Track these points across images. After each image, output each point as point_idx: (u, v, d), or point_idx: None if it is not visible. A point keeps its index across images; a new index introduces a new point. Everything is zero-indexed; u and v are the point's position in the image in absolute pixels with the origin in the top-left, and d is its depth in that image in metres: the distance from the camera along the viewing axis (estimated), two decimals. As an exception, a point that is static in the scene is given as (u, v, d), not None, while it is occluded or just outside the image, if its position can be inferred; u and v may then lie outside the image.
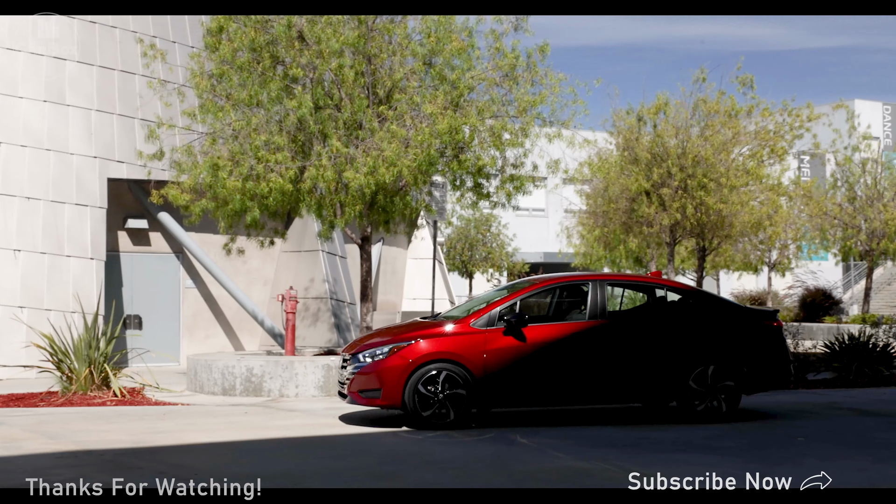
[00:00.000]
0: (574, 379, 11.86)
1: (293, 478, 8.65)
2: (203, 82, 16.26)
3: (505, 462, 9.52)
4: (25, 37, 19.96)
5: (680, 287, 12.89)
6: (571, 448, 10.26)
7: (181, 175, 16.68)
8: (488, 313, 11.85)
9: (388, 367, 11.59)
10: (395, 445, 10.51)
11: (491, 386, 11.62)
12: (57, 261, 19.68)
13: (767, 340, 12.44)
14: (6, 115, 19.63)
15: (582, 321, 12.05)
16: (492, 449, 10.25)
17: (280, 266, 23.17)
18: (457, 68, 16.08)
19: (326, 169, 15.20)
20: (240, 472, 8.82)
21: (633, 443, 10.69)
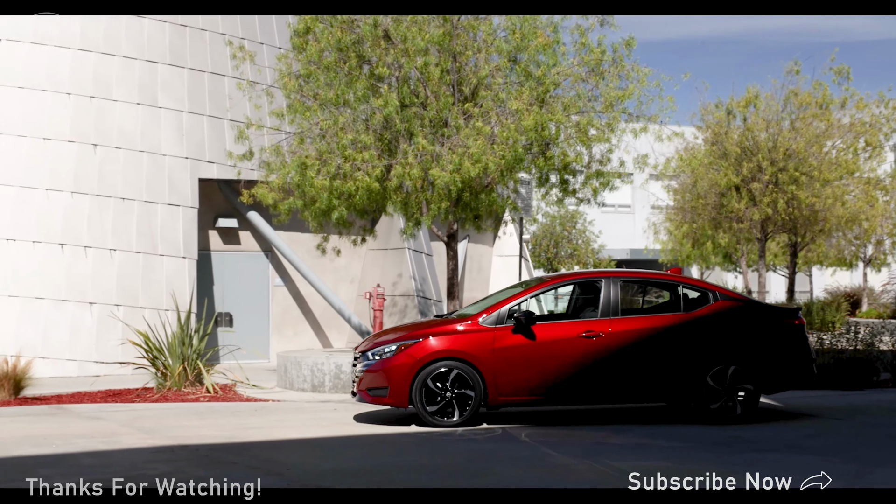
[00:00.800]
0: (584, 378, 11.61)
1: (382, 474, 8.71)
2: (291, 83, 16.45)
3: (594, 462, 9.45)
4: (119, 41, 20.45)
5: (698, 284, 12.51)
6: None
7: (270, 174, 16.92)
8: (497, 311, 11.70)
9: (395, 365, 11.48)
10: (480, 444, 10.50)
11: (500, 384, 11.46)
12: (151, 260, 20.13)
13: (789, 339, 12.07)
14: (102, 119, 20.13)
15: (594, 319, 11.82)
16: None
17: (367, 264, 23.36)
18: (542, 64, 16.00)
19: (412, 167, 15.26)
20: (330, 469, 8.92)
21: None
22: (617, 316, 11.77)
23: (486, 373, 11.42)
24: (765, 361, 11.89)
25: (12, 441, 10.54)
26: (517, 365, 11.47)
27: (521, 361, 11.48)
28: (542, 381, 11.55)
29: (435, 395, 11.39)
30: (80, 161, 19.88)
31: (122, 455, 9.73)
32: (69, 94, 20.03)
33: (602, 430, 11.33)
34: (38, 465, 9.16)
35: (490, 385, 11.44)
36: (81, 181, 19.80)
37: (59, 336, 19.10)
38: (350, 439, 10.86)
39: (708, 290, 12.23)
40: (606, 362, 11.59)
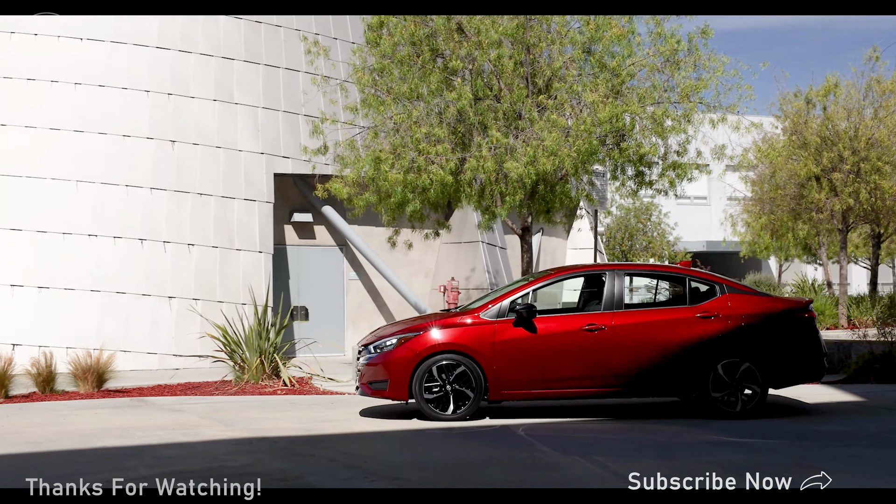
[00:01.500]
0: (586, 372, 11.43)
1: (456, 468, 8.69)
2: (364, 77, 16.52)
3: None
4: (195, 39, 20.74)
5: (705, 277, 12.12)
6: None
7: (344, 169, 17.01)
8: (499, 304, 11.58)
9: (395, 358, 11.42)
10: (547, 435, 10.43)
11: (501, 378, 11.36)
12: (228, 254, 20.39)
13: (798, 332, 11.81)
14: (179, 115, 20.44)
15: (597, 312, 11.63)
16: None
17: (441, 257, 23.38)
18: (617, 55, 15.83)
19: (486, 160, 15.22)
20: (407, 461, 8.93)
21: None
22: (621, 309, 11.61)
23: (486, 366, 11.34)
24: (773, 355, 11.60)
25: (97, 432, 10.75)
26: (518, 358, 11.37)
27: (523, 355, 11.38)
28: (543, 374, 11.44)
29: (435, 389, 11.36)
30: (158, 157, 20.21)
31: (203, 447, 9.86)
32: (147, 92, 20.37)
33: (673, 426, 11.16)
34: (122, 455, 9.33)
35: (491, 379, 11.37)
36: (160, 177, 20.12)
37: (139, 330, 19.45)
38: (424, 432, 10.86)
39: (715, 283, 11.93)
40: (609, 356, 11.42)
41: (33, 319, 19.02)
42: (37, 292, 19.27)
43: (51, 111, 19.90)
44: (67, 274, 19.41)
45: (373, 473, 8.38)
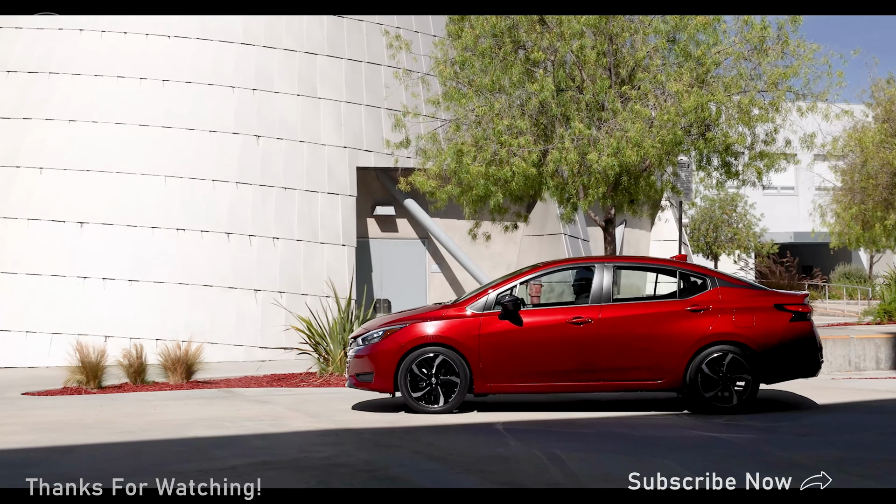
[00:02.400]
0: (572, 365, 11.30)
1: (549, 459, 8.66)
2: (446, 70, 16.53)
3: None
4: (279, 35, 20.99)
5: (697, 270, 11.91)
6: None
7: (427, 162, 17.05)
8: (485, 297, 11.49)
9: (381, 350, 11.37)
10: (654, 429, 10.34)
11: (485, 371, 11.28)
12: (312, 248, 20.63)
13: (791, 326, 11.46)
14: (264, 110, 20.72)
15: (584, 305, 11.45)
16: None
17: (523, 250, 23.32)
18: (702, 44, 15.60)
19: (569, 151, 15.12)
20: (490, 455, 8.92)
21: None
22: (609, 302, 11.44)
23: (471, 359, 11.27)
24: (765, 350, 11.30)
25: (187, 423, 10.97)
26: (503, 351, 11.29)
27: (508, 348, 11.29)
28: (529, 368, 11.34)
29: (420, 381, 11.28)
30: (243, 152, 20.52)
31: (290, 438, 9.99)
32: (233, 88, 20.68)
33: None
34: (212, 446, 9.50)
35: (476, 372, 11.29)
36: (245, 172, 20.43)
37: (226, 322, 19.80)
38: (509, 425, 10.84)
39: (707, 276, 11.70)
40: (596, 349, 11.28)
41: (125, 312, 19.48)
42: (128, 285, 19.72)
43: (140, 108, 20.35)
44: (157, 267, 19.83)
45: (457, 466, 8.39)
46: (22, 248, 19.69)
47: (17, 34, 20.90)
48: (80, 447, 9.51)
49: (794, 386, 13.22)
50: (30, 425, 10.93)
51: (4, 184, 19.95)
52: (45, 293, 19.43)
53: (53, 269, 19.57)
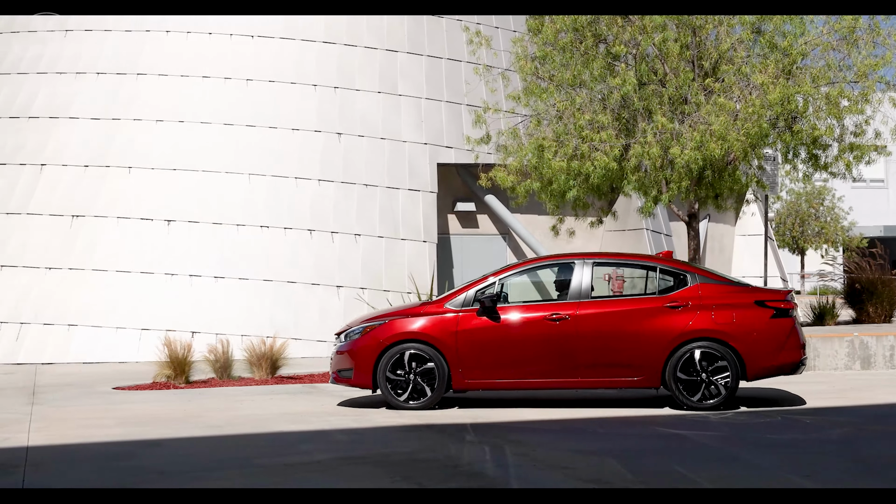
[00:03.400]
0: (549, 362, 11.28)
1: (636, 456, 8.59)
2: (527, 65, 16.48)
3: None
4: (361, 33, 21.15)
5: (678, 267, 11.72)
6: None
7: (507, 157, 17.03)
8: (464, 294, 11.49)
9: (360, 347, 11.44)
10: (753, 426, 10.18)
11: (463, 367, 11.27)
12: (393, 244, 20.74)
13: (773, 323, 11.28)
14: (345, 108, 20.90)
15: (563, 302, 11.38)
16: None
17: (604, 245, 23.14)
18: (788, 34, 15.30)
19: (651, 146, 14.96)
20: (574, 449, 8.88)
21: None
22: (587, 299, 11.38)
23: (449, 356, 11.28)
24: (745, 346, 11.15)
25: (273, 417, 11.13)
26: (481, 348, 11.29)
27: (485, 344, 11.30)
28: (506, 364, 11.34)
29: (398, 377, 11.34)
30: (325, 150, 20.72)
31: (373, 432, 10.07)
32: (315, 86, 20.89)
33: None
34: (298, 440, 9.63)
35: (454, 368, 11.30)
36: (327, 169, 20.63)
37: (309, 318, 20.02)
38: (598, 420, 10.78)
39: (688, 273, 11.58)
40: (573, 346, 11.25)
41: (211, 308, 19.81)
42: (213, 282, 20.06)
43: (225, 107, 20.67)
44: (242, 264, 20.13)
45: (541, 461, 8.37)
46: (112, 246, 20.16)
47: (106, 36, 21.39)
48: (168, 441, 9.71)
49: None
50: (120, 419, 11.20)
51: (95, 183, 20.45)
52: (134, 290, 19.87)
53: (142, 266, 20.00)
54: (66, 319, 19.58)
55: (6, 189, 20.63)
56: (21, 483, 7.59)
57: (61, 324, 19.56)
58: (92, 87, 21.09)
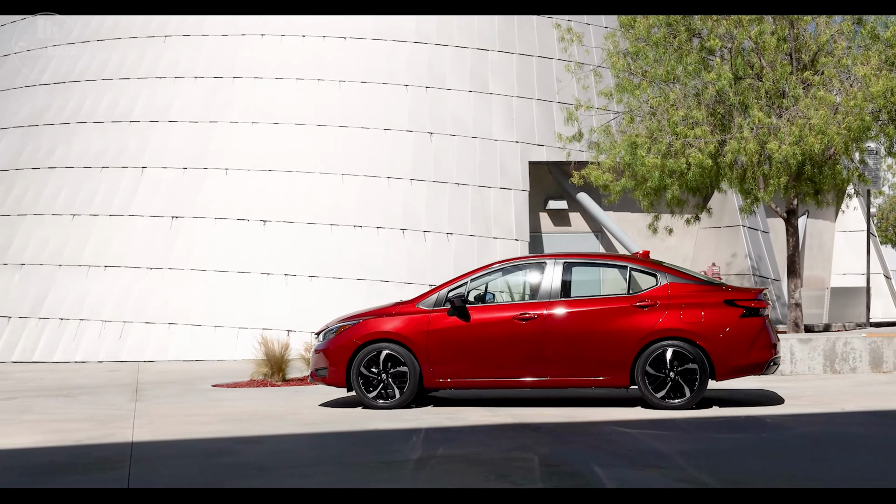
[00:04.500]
0: (518, 361, 11.35)
1: (731, 457, 8.45)
2: (619, 61, 16.35)
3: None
4: (451, 32, 21.21)
5: (649, 266, 11.61)
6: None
7: (599, 155, 16.91)
8: (437, 294, 11.61)
9: (335, 346, 11.61)
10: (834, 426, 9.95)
11: (434, 366, 11.41)
12: (485, 243, 20.76)
13: (743, 323, 11.20)
14: (436, 108, 20.98)
15: (532, 302, 11.46)
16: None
17: (699, 243, 22.80)
18: (892, 24, 14.87)
19: (748, 141, 14.70)
20: (675, 450, 8.77)
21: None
22: (557, 298, 11.41)
23: (420, 355, 11.40)
24: (713, 345, 11.09)
25: (368, 415, 11.23)
26: (451, 347, 11.40)
27: (455, 344, 11.40)
28: (475, 363, 11.43)
29: (371, 376, 11.50)
30: (417, 149, 20.84)
31: (468, 431, 10.08)
32: (406, 86, 21.02)
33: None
34: (392, 438, 9.70)
35: (425, 367, 11.43)
36: (419, 169, 20.74)
37: (402, 316, 20.14)
38: (692, 421, 10.64)
39: (658, 272, 11.51)
40: (542, 346, 11.30)
41: (306, 307, 20.10)
42: (308, 281, 20.34)
43: (318, 109, 20.95)
44: (336, 264, 20.37)
45: (637, 462, 8.28)
46: (209, 247, 20.59)
47: (203, 41, 21.85)
48: (266, 437, 9.87)
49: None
50: (220, 416, 11.42)
51: (193, 185, 20.91)
52: (232, 289, 20.27)
53: (239, 266, 20.38)
54: (167, 318, 20.07)
55: (109, 192, 21.23)
56: (127, 477, 7.79)
57: (162, 322, 20.06)
58: (190, 91, 21.57)
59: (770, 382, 14.02)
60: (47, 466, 8.35)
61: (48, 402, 13.18)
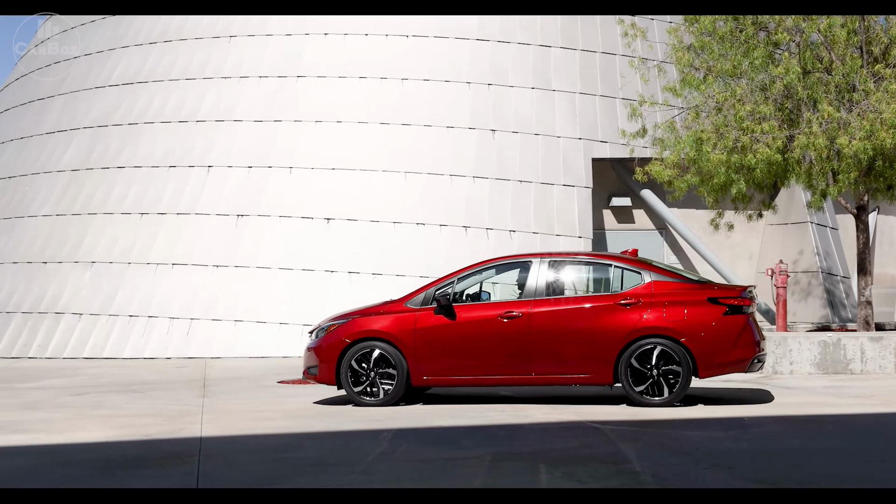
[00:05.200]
0: (502, 359, 11.47)
1: (799, 455, 8.32)
2: (684, 56, 16.18)
3: None
4: (514, 29, 21.17)
5: (633, 264, 11.67)
6: None
7: (664, 151, 16.76)
8: (424, 293, 11.79)
9: (326, 344, 11.82)
10: None
11: (421, 364, 11.56)
12: (548, 240, 20.70)
13: (725, 320, 11.24)
14: (499, 105, 20.96)
15: (517, 300, 11.60)
16: None
17: (766, 239, 22.49)
18: (966, 15, 14.51)
19: (817, 136, 14.46)
20: (733, 449, 8.66)
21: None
22: (542, 297, 11.52)
23: (407, 353, 11.57)
24: (695, 343, 11.14)
25: (432, 412, 11.27)
26: (437, 346, 11.55)
27: (441, 342, 11.55)
28: (461, 361, 11.57)
29: (360, 374, 11.67)
30: (479, 147, 20.84)
31: (532, 428, 10.07)
32: (468, 84, 21.04)
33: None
34: (457, 435, 9.72)
35: (412, 365, 11.59)
36: (482, 166, 20.74)
37: (465, 314, 20.16)
38: (758, 420, 10.50)
39: (642, 270, 11.56)
40: (526, 344, 11.42)
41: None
42: (372, 279, 20.47)
43: (381, 107, 21.05)
44: (399, 261, 20.46)
45: (703, 461, 8.19)
46: (274, 245, 20.81)
47: (267, 41, 22.08)
48: (330, 434, 9.96)
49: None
50: (285, 412, 11.54)
51: (258, 184, 21.14)
52: (297, 287, 20.46)
53: (303, 264, 20.57)
54: (233, 315, 20.33)
55: (176, 191, 21.56)
56: (196, 472, 7.91)
57: (228, 320, 20.33)
58: (254, 90, 21.82)
59: (840, 381, 13.77)
60: (120, 460, 8.51)
61: (119, 397, 13.43)
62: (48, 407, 12.41)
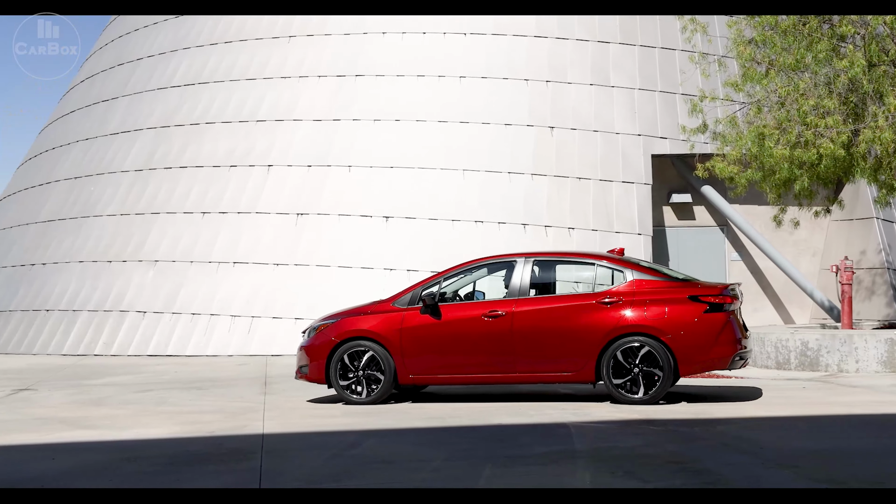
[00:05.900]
0: (487, 357, 11.61)
1: (867, 455, 8.17)
2: (745, 50, 15.96)
3: None
4: (572, 25, 21.07)
5: (616, 263, 11.81)
6: None
7: (725, 147, 16.56)
8: (411, 292, 11.96)
9: (316, 344, 12.06)
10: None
11: (407, 363, 11.73)
12: (607, 237, 20.57)
13: (706, 318, 11.27)
14: (557, 102, 20.88)
15: (501, 300, 11.72)
16: None
17: (830, 236, 22.13)
18: None
19: (883, 130, 14.19)
20: (802, 448, 8.54)
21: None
22: (525, 296, 11.67)
23: (394, 352, 11.77)
24: (676, 341, 11.19)
25: (492, 410, 11.28)
26: (423, 345, 11.73)
27: (427, 341, 11.73)
28: (446, 360, 11.74)
29: (348, 372, 11.87)
30: (538, 144, 20.77)
31: (593, 426, 10.02)
32: (526, 81, 20.98)
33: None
34: (517, 433, 9.71)
35: (399, 364, 11.78)
36: (540, 163, 20.67)
37: (524, 311, 20.11)
38: (824, 419, 10.34)
39: (625, 269, 11.69)
40: (509, 342, 11.55)
41: (428, 302, 20.25)
42: (430, 276, 20.49)
43: (439, 105, 21.08)
44: (457, 259, 20.39)
45: (769, 460, 8.09)
46: (334, 243, 20.94)
47: (326, 40, 22.23)
48: (391, 431, 10.00)
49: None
50: (345, 409, 11.63)
51: (317, 183, 21.30)
52: (356, 285, 20.57)
53: (362, 262, 20.68)
54: (294, 313, 20.50)
55: (237, 190, 21.79)
56: (259, 468, 7.99)
57: (289, 318, 20.50)
58: (313, 89, 21.97)
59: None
60: (184, 456, 8.63)
61: (182, 394, 13.62)
62: (114, 403, 12.63)
